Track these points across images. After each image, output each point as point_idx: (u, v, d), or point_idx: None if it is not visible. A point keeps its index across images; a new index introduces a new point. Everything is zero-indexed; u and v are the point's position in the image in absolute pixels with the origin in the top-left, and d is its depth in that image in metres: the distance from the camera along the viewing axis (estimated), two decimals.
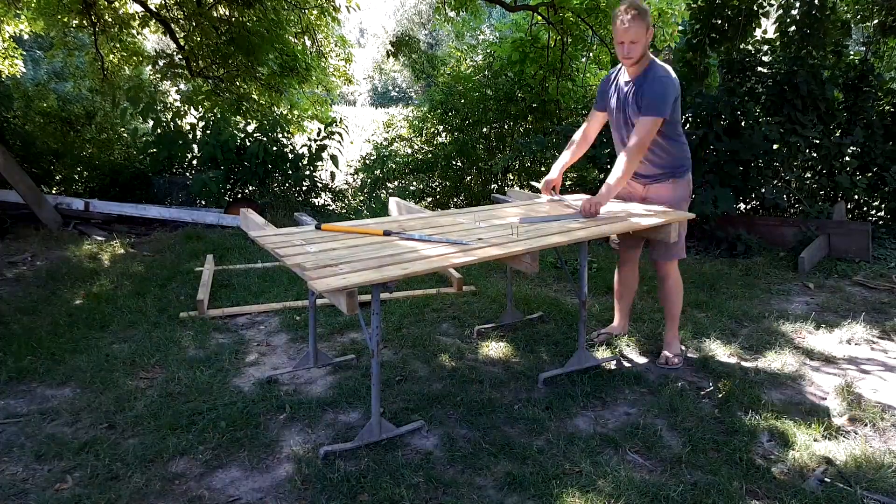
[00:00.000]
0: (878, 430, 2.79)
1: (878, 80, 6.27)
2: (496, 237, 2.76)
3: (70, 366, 3.27)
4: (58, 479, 2.36)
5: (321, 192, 8.11)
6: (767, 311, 4.26)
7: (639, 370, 3.33)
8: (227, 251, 5.63)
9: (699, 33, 6.55)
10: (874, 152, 6.18)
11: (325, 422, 2.79)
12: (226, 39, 8.42)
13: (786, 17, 6.16)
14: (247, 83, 8.94)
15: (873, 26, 6.96)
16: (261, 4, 8.37)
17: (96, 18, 8.68)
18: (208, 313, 4.04)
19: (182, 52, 8.73)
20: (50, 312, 4.03)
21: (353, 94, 33.39)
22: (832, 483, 2.38)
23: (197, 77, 8.77)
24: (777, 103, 5.99)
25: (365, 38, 41.50)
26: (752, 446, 2.62)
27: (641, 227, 3.05)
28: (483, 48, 9.85)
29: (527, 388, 3.12)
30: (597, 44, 8.97)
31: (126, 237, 6.31)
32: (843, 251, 5.55)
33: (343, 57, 10.96)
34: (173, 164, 7.73)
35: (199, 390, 3.02)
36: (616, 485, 2.32)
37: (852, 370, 3.42)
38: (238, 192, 7.61)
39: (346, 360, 3.38)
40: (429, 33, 30.18)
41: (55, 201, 6.52)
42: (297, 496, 2.28)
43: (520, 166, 8.60)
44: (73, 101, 9.26)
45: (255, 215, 3.04)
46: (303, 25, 9.52)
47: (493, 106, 8.42)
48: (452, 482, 2.35)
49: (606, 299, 4.45)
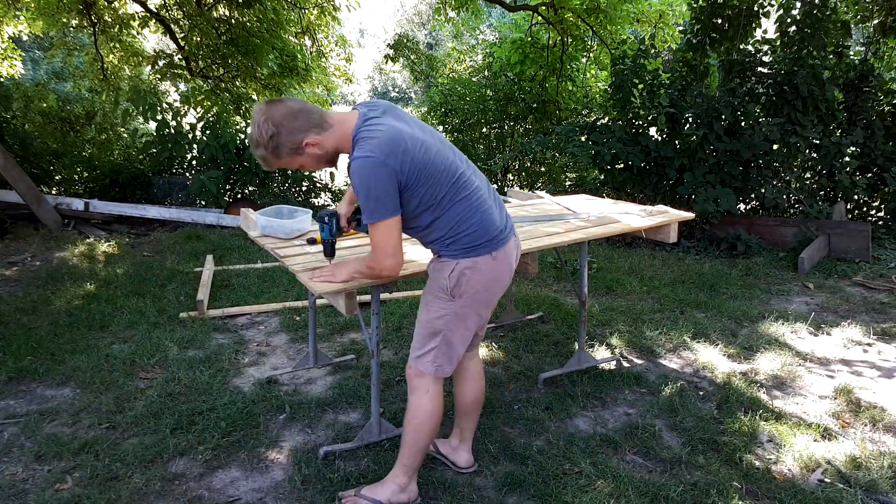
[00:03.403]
0: (878, 430, 2.79)
1: (878, 80, 6.28)
2: None
3: (70, 366, 3.27)
4: (58, 480, 2.36)
5: (321, 192, 8.11)
6: (767, 311, 4.26)
7: (639, 370, 3.33)
8: (226, 251, 5.63)
9: (699, 33, 6.55)
10: (874, 152, 6.19)
11: (324, 422, 2.79)
12: (226, 39, 8.42)
13: (786, 17, 6.16)
14: (246, 83, 8.94)
15: (873, 26, 6.96)
16: (261, 4, 8.37)
17: (96, 18, 8.69)
18: (208, 313, 4.04)
19: (182, 52, 8.73)
20: (50, 312, 4.03)
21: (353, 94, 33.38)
22: (832, 483, 2.38)
23: (197, 77, 8.77)
24: (777, 104, 5.99)
25: (365, 38, 41.50)
26: (752, 446, 2.62)
27: (639, 228, 3.04)
28: (483, 48, 9.86)
29: (527, 388, 3.12)
30: (597, 44, 8.98)
31: (126, 237, 6.31)
32: (842, 251, 5.55)
33: (343, 57, 10.96)
34: (173, 165, 7.73)
35: (199, 390, 3.02)
36: (616, 485, 2.32)
37: (852, 370, 3.42)
38: (238, 193, 7.61)
39: (346, 360, 3.38)
40: (428, 33, 30.18)
41: (55, 201, 6.52)
42: (296, 496, 2.28)
43: (520, 166, 8.61)
44: (72, 101, 9.26)
45: (256, 215, 3.03)
46: (303, 25, 9.53)
47: (492, 106, 8.43)
48: (452, 482, 2.35)
49: (606, 299, 4.46)
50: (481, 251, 2.08)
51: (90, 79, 9.59)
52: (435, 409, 2.22)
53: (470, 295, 2.11)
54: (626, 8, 8.50)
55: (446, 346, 2.17)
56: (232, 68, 8.80)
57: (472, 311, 2.15)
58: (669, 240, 3.14)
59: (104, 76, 9.22)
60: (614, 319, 4.04)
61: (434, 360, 2.18)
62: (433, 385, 2.21)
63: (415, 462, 2.26)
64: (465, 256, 2.08)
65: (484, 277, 2.10)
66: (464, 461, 2.47)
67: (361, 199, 1.95)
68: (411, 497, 2.27)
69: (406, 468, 2.25)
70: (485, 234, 2.08)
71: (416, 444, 2.23)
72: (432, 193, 2.01)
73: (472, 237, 2.07)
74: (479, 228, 2.07)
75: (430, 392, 2.21)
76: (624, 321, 4.01)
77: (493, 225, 2.10)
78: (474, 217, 2.07)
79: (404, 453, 2.25)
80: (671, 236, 3.13)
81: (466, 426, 2.46)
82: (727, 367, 3.38)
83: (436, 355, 2.18)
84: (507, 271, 2.17)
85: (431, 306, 2.16)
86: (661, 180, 6.30)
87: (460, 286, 2.09)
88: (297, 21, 9.48)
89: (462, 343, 2.20)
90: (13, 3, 8.68)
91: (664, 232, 3.14)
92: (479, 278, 2.09)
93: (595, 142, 6.39)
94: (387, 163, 1.90)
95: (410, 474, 2.27)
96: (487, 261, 2.09)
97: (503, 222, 2.16)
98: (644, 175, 6.38)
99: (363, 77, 34.18)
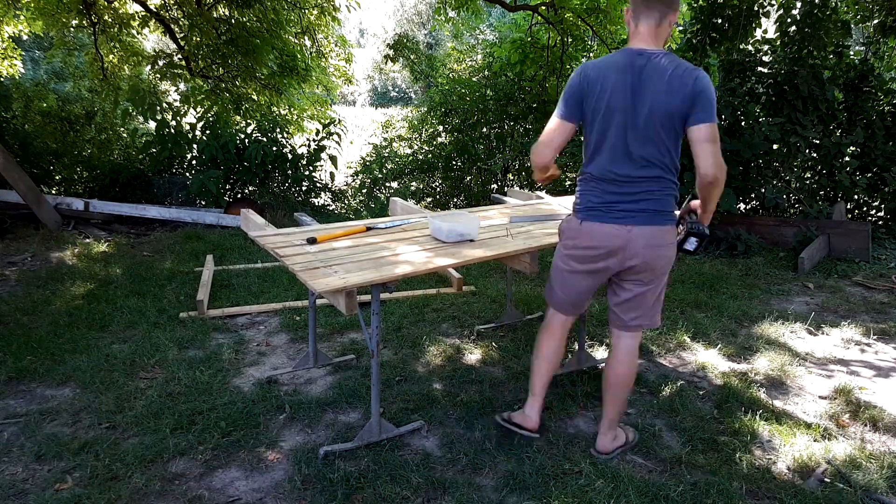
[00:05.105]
0: (878, 430, 2.79)
1: (878, 80, 6.28)
2: (492, 237, 2.77)
3: (70, 366, 3.27)
4: (58, 479, 2.36)
5: (321, 192, 8.11)
6: (767, 311, 4.26)
7: (638, 370, 3.33)
8: (226, 251, 5.63)
9: (699, 33, 6.55)
10: (874, 152, 6.19)
11: (324, 422, 2.79)
12: (226, 39, 8.42)
13: (786, 17, 6.16)
14: (246, 83, 8.93)
15: (873, 26, 6.95)
16: (260, 4, 8.37)
17: (96, 18, 8.68)
18: (208, 313, 4.04)
19: (182, 52, 8.73)
20: (50, 312, 4.03)
21: (353, 94, 33.37)
22: (832, 483, 2.38)
23: (196, 77, 8.77)
24: (777, 103, 5.99)
25: (365, 39, 41.49)
26: (752, 446, 2.62)
27: None
28: (483, 48, 9.85)
29: (526, 388, 3.11)
30: (597, 44, 8.97)
31: (126, 237, 6.31)
32: (842, 251, 5.55)
33: (343, 57, 10.96)
34: (173, 165, 7.73)
35: (199, 390, 3.02)
36: (616, 485, 2.32)
37: (852, 370, 3.42)
38: (238, 193, 7.61)
39: (346, 360, 3.38)
40: (428, 33, 30.17)
41: (55, 201, 6.52)
42: (296, 496, 2.28)
43: (520, 166, 8.61)
44: (72, 101, 9.25)
45: (256, 216, 3.04)
46: (303, 25, 9.52)
47: (492, 106, 8.43)
48: (452, 482, 2.35)
49: (606, 299, 4.45)
50: (578, 215, 2.36)
51: (90, 79, 9.58)
52: (541, 329, 2.59)
53: (562, 243, 2.45)
54: (626, 8, 8.48)
55: (550, 280, 2.53)
56: (232, 68, 8.80)
57: (561, 261, 2.45)
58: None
59: (104, 76, 9.21)
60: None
61: (546, 289, 2.59)
62: (548, 313, 2.57)
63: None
64: (573, 211, 2.41)
65: (570, 238, 2.40)
66: (601, 445, 2.54)
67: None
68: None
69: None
70: (585, 202, 2.34)
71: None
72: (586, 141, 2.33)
73: (579, 196, 2.37)
74: (585, 192, 2.34)
75: (546, 317, 2.59)
76: None
77: (593, 199, 2.32)
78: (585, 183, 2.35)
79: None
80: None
81: (604, 406, 2.55)
82: (727, 367, 3.38)
83: (547, 285, 2.57)
84: (589, 245, 2.34)
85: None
86: None
87: (562, 233, 2.45)
88: (297, 21, 9.47)
89: (560, 287, 2.49)
90: (13, 2, 8.67)
91: None
92: (568, 234, 2.41)
93: None
94: None
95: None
96: (575, 224, 2.37)
97: (601, 204, 2.30)
98: None
99: (363, 77, 34.18)
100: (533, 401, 2.59)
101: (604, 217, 2.28)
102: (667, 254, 2.30)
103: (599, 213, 2.29)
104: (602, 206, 2.28)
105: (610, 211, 2.27)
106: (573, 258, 2.40)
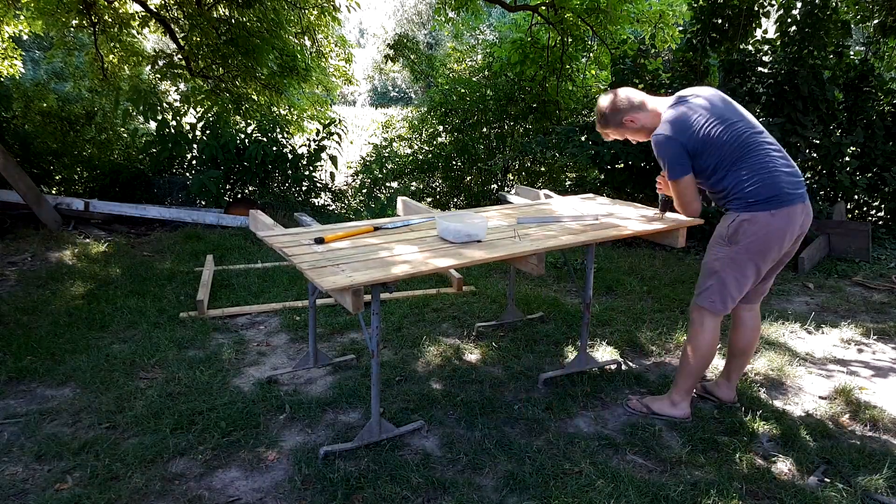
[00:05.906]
0: (878, 429, 2.79)
1: (879, 80, 6.28)
2: (498, 238, 2.77)
3: (70, 366, 3.27)
4: (58, 479, 2.36)
5: (321, 192, 8.11)
6: (767, 311, 4.26)
7: (639, 370, 3.33)
8: (226, 251, 5.63)
9: (699, 33, 6.55)
10: (874, 152, 6.19)
11: (325, 422, 2.79)
12: (226, 39, 8.42)
13: (786, 17, 6.16)
14: (246, 83, 8.94)
15: (873, 26, 6.95)
16: (260, 4, 8.37)
17: (96, 18, 8.69)
18: (208, 313, 4.04)
19: (182, 52, 8.73)
20: (50, 312, 4.03)
21: (353, 94, 33.37)
22: (832, 483, 2.38)
23: (197, 77, 8.77)
24: (777, 104, 5.99)
25: (365, 39, 41.49)
26: (752, 446, 2.62)
27: (646, 232, 3.01)
28: (483, 48, 9.85)
29: (527, 388, 3.12)
30: (597, 44, 8.98)
31: (126, 237, 6.31)
32: (843, 251, 5.55)
33: (343, 57, 10.96)
34: (173, 164, 7.72)
35: (199, 390, 3.02)
36: (616, 485, 2.32)
37: (852, 370, 3.42)
38: (238, 193, 7.61)
39: (346, 360, 3.38)
40: (428, 33, 30.17)
41: (55, 201, 6.52)
42: (296, 496, 2.28)
43: (520, 166, 8.61)
44: (72, 101, 9.25)
45: (265, 216, 3.03)
46: (303, 25, 9.53)
47: (492, 106, 8.43)
48: (452, 482, 2.35)
49: (606, 299, 4.46)
50: (761, 207, 2.48)
51: (90, 79, 9.59)
52: (707, 340, 2.67)
53: (745, 244, 2.52)
54: (626, 8, 8.49)
55: (720, 285, 2.61)
56: (232, 68, 8.80)
57: (746, 258, 2.55)
58: (677, 244, 3.10)
59: (104, 76, 9.21)
60: (614, 319, 4.04)
61: (708, 297, 2.64)
62: (708, 320, 2.66)
63: (687, 384, 2.76)
64: (746, 210, 2.51)
65: (761, 230, 2.49)
66: (726, 396, 2.91)
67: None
68: (682, 413, 2.78)
69: (679, 389, 2.78)
70: (766, 192, 2.47)
71: (688, 369, 2.73)
72: (714, 161, 2.54)
73: (752, 194, 2.48)
74: (760, 187, 2.48)
75: (703, 325, 2.67)
76: (624, 321, 4.01)
77: (776, 187, 2.48)
78: (755, 178, 2.48)
79: (679, 375, 2.78)
80: (679, 241, 3.08)
81: (733, 367, 2.89)
82: None
83: (710, 293, 2.63)
84: (785, 230, 2.51)
85: (711, 251, 2.65)
86: None
87: (737, 235, 2.53)
88: (297, 21, 9.48)
89: (735, 287, 2.60)
90: (13, 2, 8.67)
91: (672, 237, 3.10)
92: (756, 230, 2.50)
93: (595, 142, 6.39)
94: (674, 137, 2.57)
95: (682, 395, 2.77)
96: (766, 216, 2.48)
97: (791, 188, 2.50)
98: (644, 175, 6.38)
99: (363, 77, 34.17)
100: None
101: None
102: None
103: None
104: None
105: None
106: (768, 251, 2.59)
